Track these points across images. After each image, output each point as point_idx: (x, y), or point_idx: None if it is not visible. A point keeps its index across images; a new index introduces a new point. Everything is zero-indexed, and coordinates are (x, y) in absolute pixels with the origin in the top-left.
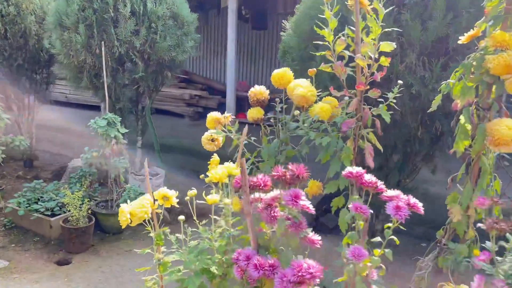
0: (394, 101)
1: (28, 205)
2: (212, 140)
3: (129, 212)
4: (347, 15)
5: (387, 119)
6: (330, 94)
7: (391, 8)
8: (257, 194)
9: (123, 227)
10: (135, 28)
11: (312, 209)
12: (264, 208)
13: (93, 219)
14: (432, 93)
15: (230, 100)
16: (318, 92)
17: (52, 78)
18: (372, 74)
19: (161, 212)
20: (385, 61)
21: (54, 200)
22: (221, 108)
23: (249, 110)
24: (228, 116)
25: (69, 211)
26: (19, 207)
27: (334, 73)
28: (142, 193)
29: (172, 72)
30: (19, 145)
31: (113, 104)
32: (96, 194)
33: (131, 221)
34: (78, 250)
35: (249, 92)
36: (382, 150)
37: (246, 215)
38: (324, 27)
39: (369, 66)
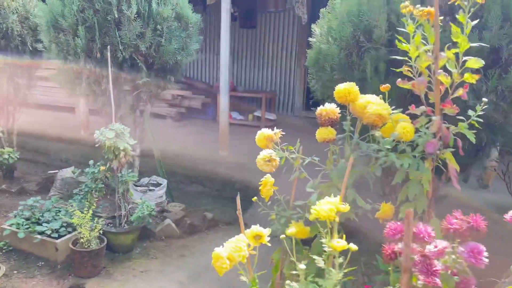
0: (477, 119)
1: (28, 226)
2: (269, 160)
3: (227, 257)
4: (397, 25)
5: (472, 138)
6: (403, 112)
7: (441, 17)
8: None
9: (220, 275)
10: (141, 30)
11: None
12: (422, 261)
13: (105, 240)
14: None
15: (224, 102)
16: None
17: (35, 82)
18: (447, 90)
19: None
20: (470, 78)
21: (56, 219)
22: (206, 108)
23: (318, 130)
24: (278, 132)
25: (74, 230)
26: (18, 228)
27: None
28: (153, 209)
29: (175, 77)
30: (8, 158)
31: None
32: (99, 210)
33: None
34: (90, 274)
35: (319, 110)
36: (459, 169)
37: (403, 271)
38: (404, 41)
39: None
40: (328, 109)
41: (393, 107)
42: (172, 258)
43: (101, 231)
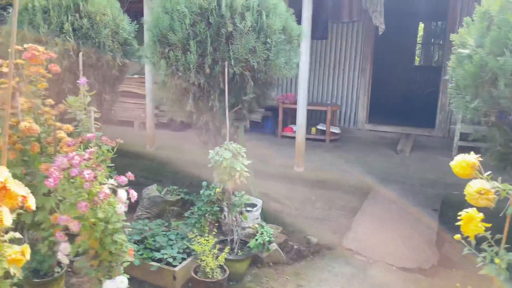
0: None
1: (140, 252)
2: (483, 193)
3: None
4: None
5: None
6: None
7: None
8: None
9: None
10: (254, 44)
11: None
12: None
13: (226, 269)
14: None
15: (301, 118)
16: None
17: (117, 97)
18: None
19: None
20: None
21: (171, 245)
22: (266, 121)
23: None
24: (478, 157)
25: (188, 256)
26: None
27: None
28: (271, 235)
29: (273, 91)
30: None
31: (199, 128)
32: (206, 235)
33: None
34: None
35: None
36: None
37: None
38: None
39: None
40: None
41: None
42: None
43: (223, 261)
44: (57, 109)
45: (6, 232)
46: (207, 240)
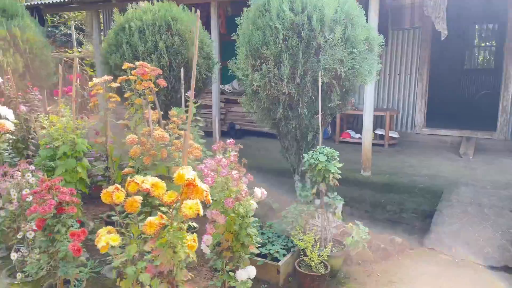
0: None
1: None
2: None
3: None
4: None
5: None
6: None
7: None
8: None
9: None
10: (343, 54)
11: None
12: None
13: (327, 264)
14: None
15: (368, 122)
16: None
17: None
18: None
19: None
20: None
21: (271, 242)
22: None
23: None
24: None
25: (288, 252)
26: None
27: None
28: (367, 233)
29: (353, 98)
30: None
31: (284, 134)
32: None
33: None
34: None
35: None
36: None
37: None
38: None
39: None
40: None
41: None
42: (383, 284)
43: (326, 257)
44: (173, 119)
45: (183, 222)
46: (310, 238)
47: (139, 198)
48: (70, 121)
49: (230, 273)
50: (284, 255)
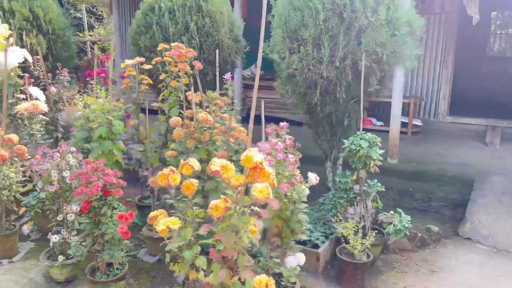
0: None
1: None
2: None
3: None
4: None
5: None
6: None
7: None
8: None
9: None
10: (386, 37)
11: None
12: None
13: (369, 252)
14: None
15: (397, 109)
16: None
17: None
18: None
19: None
20: None
21: (311, 230)
22: None
23: None
24: None
25: (326, 240)
26: None
27: None
28: (410, 221)
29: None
30: None
31: (319, 119)
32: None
33: None
34: (355, 286)
35: None
36: None
37: None
38: None
39: None
40: None
41: None
42: (423, 273)
43: (369, 245)
44: (216, 101)
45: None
46: (351, 226)
47: (195, 181)
48: (106, 102)
49: (274, 259)
50: (322, 242)
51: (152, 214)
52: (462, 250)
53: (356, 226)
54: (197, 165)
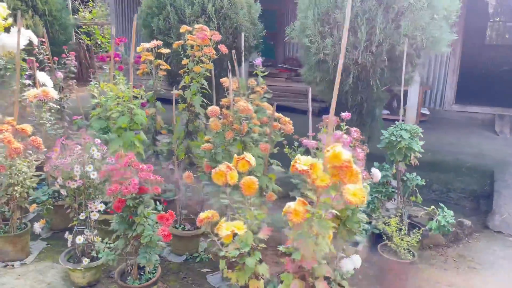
0: None
1: None
2: None
3: None
4: None
5: None
6: None
7: None
8: None
9: None
10: (427, 20)
11: None
12: None
13: (413, 251)
14: None
15: (414, 98)
16: None
17: None
18: None
19: None
20: None
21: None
22: None
23: None
24: None
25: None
26: None
27: None
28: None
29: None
30: None
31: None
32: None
33: None
34: (399, 285)
35: None
36: None
37: None
38: None
39: None
40: None
41: None
42: (464, 271)
43: (415, 243)
44: (256, 88)
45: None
46: (395, 223)
47: (255, 179)
48: (126, 89)
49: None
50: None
51: (202, 215)
52: (497, 244)
53: (399, 224)
54: (253, 161)
